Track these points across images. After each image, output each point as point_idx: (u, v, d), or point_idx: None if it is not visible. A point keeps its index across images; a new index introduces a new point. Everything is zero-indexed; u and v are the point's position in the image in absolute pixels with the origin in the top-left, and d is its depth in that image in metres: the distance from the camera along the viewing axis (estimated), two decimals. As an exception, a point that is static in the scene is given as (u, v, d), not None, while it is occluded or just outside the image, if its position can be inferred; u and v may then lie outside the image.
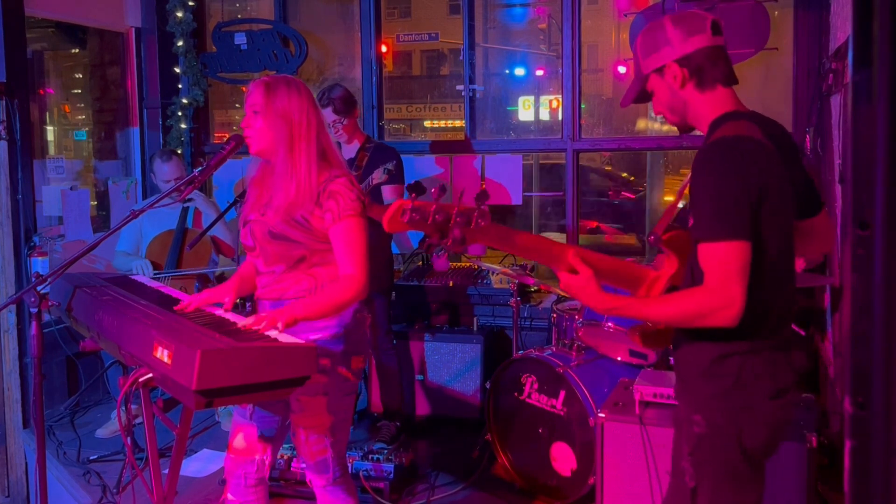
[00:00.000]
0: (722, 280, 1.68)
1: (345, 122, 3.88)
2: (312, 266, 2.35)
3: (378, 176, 3.63)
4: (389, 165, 3.61)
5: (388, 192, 3.95)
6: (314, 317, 2.26)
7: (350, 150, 3.99)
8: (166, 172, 4.24)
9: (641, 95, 1.94)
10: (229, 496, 2.46)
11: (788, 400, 1.83)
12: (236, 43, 5.27)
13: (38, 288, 2.29)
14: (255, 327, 2.12)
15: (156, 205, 2.45)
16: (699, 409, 1.83)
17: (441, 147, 5.15)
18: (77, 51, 6.49)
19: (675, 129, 2.00)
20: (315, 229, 2.31)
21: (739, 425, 1.80)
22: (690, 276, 1.83)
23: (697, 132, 1.96)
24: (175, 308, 2.34)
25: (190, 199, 4.11)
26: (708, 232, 1.71)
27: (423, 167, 4.98)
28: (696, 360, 1.84)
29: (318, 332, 2.32)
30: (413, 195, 1.65)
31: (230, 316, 2.32)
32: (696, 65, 1.85)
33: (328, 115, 3.82)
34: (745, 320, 1.75)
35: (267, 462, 2.47)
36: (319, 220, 2.30)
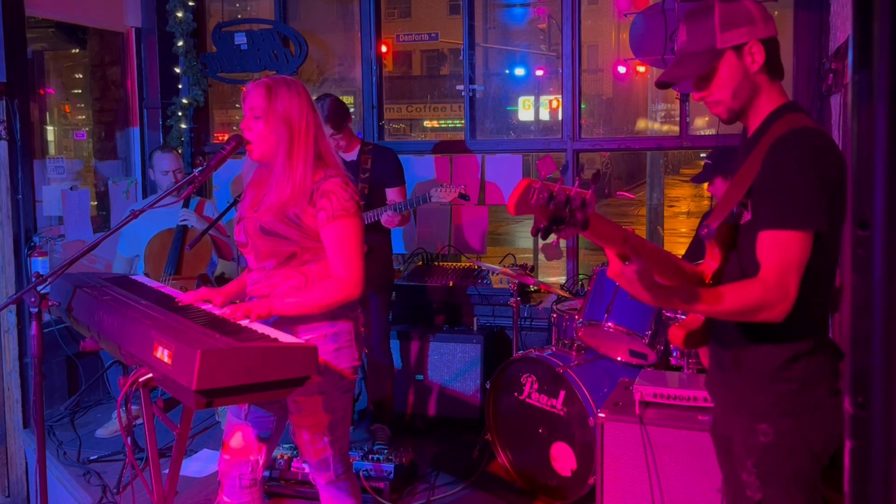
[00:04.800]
0: (780, 274, 1.59)
1: (339, 136, 3.83)
2: (304, 263, 2.36)
3: (452, 195, 3.77)
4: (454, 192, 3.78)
5: (392, 193, 3.96)
6: (294, 313, 2.27)
7: (350, 154, 3.99)
8: (165, 163, 4.27)
9: (705, 75, 1.74)
10: (224, 498, 2.45)
11: (842, 398, 1.77)
12: (236, 43, 5.27)
13: (38, 288, 2.29)
14: (228, 316, 2.16)
15: (156, 205, 2.45)
16: (763, 417, 1.74)
17: (441, 147, 5.16)
18: (77, 51, 6.49)
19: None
20: (307, 227, 2.32)
21: (807, 429, 1.72)
22: (739, 270, 1.73)
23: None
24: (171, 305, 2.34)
25: (184, 220, 4.10)
26: (773, 220, 1.62)
27: (424, 167, 4.98)
28: (760, 365, 1.75)
29: (311, 331, 2.33)
30: (585, 180, 1.40)
31: (215, 310, 2.32)
32: (773, 50, 1.74)
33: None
34: (808, 318, 1.68)
35: (261, 463, 2.47)
36: (312, 219, 2.31)
